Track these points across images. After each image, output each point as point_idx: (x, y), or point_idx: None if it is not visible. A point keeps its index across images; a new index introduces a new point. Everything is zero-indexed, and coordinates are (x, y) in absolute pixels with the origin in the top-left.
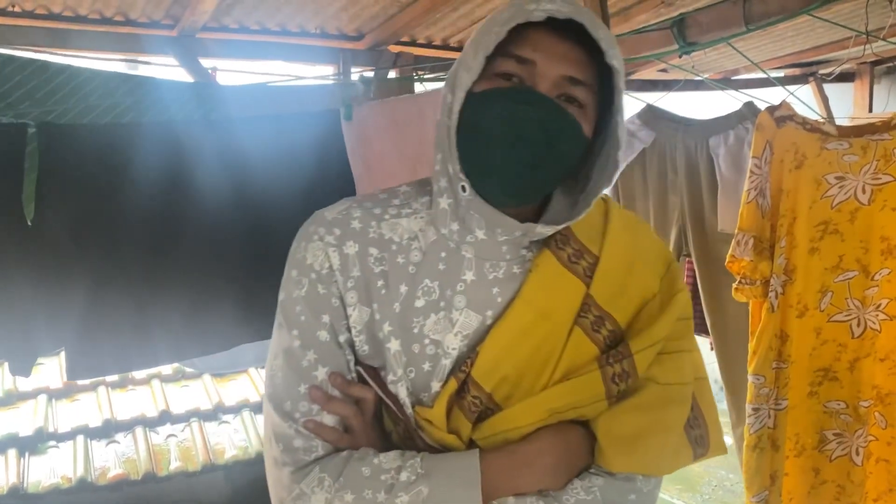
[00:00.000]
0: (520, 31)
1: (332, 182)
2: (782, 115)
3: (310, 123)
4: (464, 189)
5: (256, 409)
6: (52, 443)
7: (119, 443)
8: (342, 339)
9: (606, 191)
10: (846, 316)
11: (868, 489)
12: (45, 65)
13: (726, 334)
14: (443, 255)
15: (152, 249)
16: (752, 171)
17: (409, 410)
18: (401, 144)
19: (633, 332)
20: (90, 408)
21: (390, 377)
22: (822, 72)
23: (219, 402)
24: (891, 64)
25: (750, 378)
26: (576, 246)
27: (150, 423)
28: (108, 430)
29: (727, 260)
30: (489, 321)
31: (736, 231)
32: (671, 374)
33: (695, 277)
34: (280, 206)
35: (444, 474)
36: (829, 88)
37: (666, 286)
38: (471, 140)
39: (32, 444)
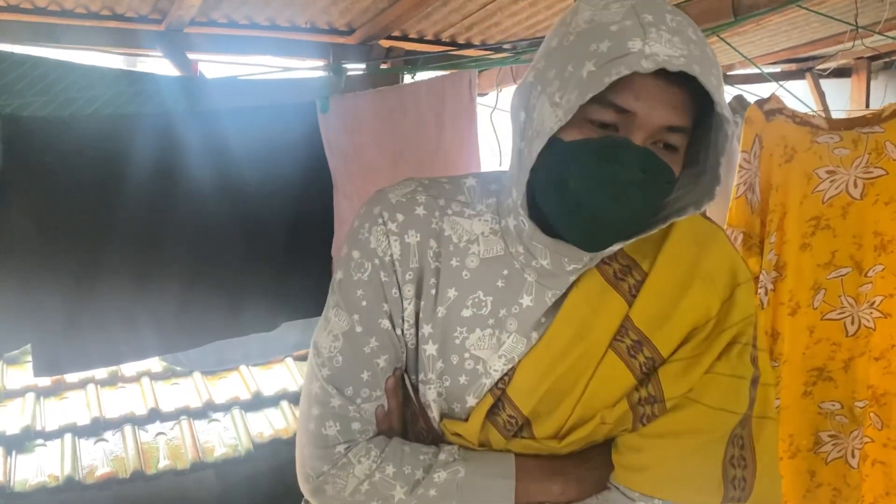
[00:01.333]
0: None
1: (308, 174)
2: (772, 109)
3: (286, 116)
4: (523, 223)
5: (246, 407)
6: (40, 441)
7: (107, 441)
8: (398, 330)
9: None
10: (840, 314)
11: (864, 492)
12: (22, 57)
13: None
14: (505, 272)
15: (124, 243)
16: (741, 166)
17: (433, 414)
18: (379, 137)
19: (667, 368)
20: (79, 406)
21: (420, 377)
22: (818, 67)
23: (208, 400)
24: (887, 59)
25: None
26: (623, 261)
27: (139, 422)
28: (96, 429)
29: None
30: (534, 342)
31: (724, 226)
32: (709, 394)
33: None
34: (257, 198)
35: (482, 461)
36: (825, 84)
37: (724, 314)
38: (552, 188)
39: (19, 443)
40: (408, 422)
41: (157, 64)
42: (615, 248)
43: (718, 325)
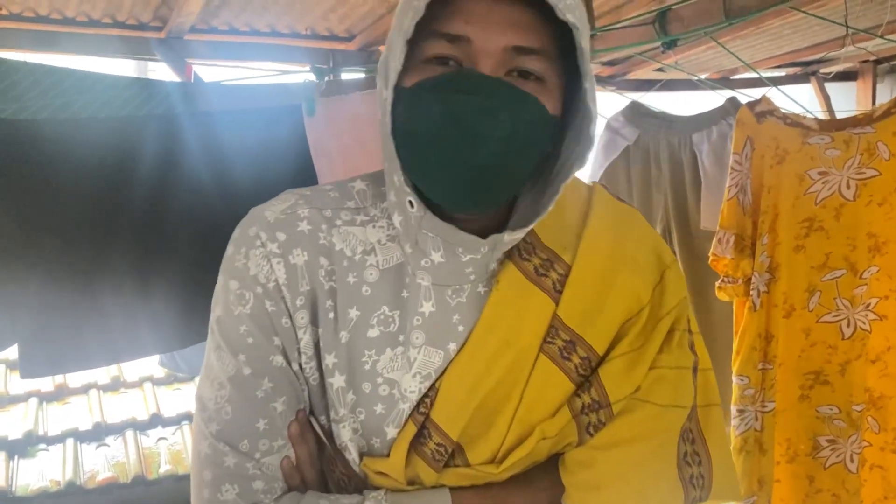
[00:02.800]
0: (445, 2)
1: (295, 176)
2: (763, 111)
3: (273, 118)
4: (411, 204)
5: None
6: (42, 446)
7: (109, 446)
8: (294, 365)
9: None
10: (835, 316)
11: (863, 497)
12: (18, 64)
13: (713, 334)
14: (406, 280)
15: (118, 242)
16: (732, 168)
17: (352, 456)
18: (365, 139)
19: (608, 368)
20: (81, 411)
21: (332, 415)
22: (822, 71)
23: None
24: (894, 62)
25: (734, 379)
26: (543, 255)
27: (140, 427)
28: (98, 434)
29: (710, 258)
30: (452, 355)
31: (717, 229)
32: (658, 392)
33: None
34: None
35: (414, 502)
36: (831, 88)
37: (657, 299)
38: (409, 145)
39: (22, 448)
40: (325, 470)
41: (160, 70)
42: (493, 202)
43: (654, 313)
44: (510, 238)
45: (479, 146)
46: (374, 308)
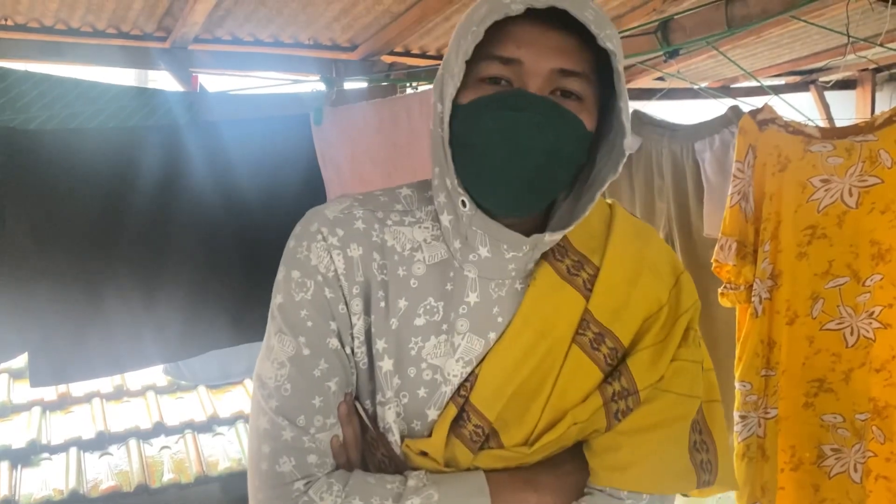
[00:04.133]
0: (500, 28)
1: (302, 185)
2: (765, 119)
3: (280, 128)
4: (464, 204)
5: None
6: (45, 455)
7: (112, 455)
8: (347, 349)
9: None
10: (838, 324)
11: None
12: (26, 74)
13: (716, 341)
14: (451, 274)
15: (125, 252)
16: (735, 176)
17: (394, 437)
18: (372, 148)
19: (636, 359)
20: (84, 420)
21: (378, 398)
22: (822, 79)
23: (213, 414)
24: (893, 71)
25: (736, 385)
26: (575, 257)
27: (143, 435)
28: (101, 443)
29: (713, 265)
30: (492, 344)
31: (719, 235)
32: (673, 380)
33: None
34: (252, 209)
35: (454, 482)
36: (830, 96)
37: (674, 300)
38: (465, 154)
39: (25, 457)
40: (365, 453)
41: (164, 80)
42: (536, 206)
43: (673, 311)
44: (550, 239)
45: (526, 156)
46: (422, 299)
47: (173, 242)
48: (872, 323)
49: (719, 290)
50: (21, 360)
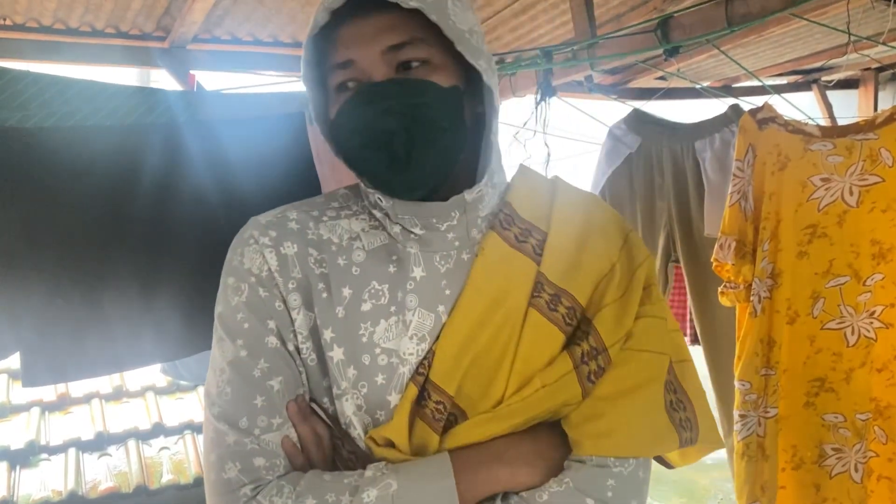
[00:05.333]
0: (330, 34)
1: (297, 184)
2: (765, 118)
3: (275, 126)
4: (381, 199)
5: None
6: (44, 456)
7: (111, 456)
8: (290, 346)
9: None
10: (839, 324)
11: None
12: (22, 73)
13: (716, 340)
14: (394, 257)
15: (122, 250)
16: (735, 175)
17: (357, 432)
18: None
19: (600, 317)
20: (83, 420)
21: (334, 390)
22: (824, 79)
23: None
24: (895, 70)
25: (736, 384)
26: (522, 225)
27: (142, 436)
28: (100, 443)
29: (713, 264)
30: (444, 317)
31: (719, 234)
32: (643, 338)
33: (683, 282)
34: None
35: (414, 467)
36: (833, 95)
37: (625, 257)
38: (352, 161)
39: (24, 457)
40: (334, 455)
41: (162, 79)
42: (434, 180)
43: (626, 267)
44: (471, 196)
45: (396, 141)
46: (365, 284)
47: (171, 239)
48: (873, 322)
49: (719, 289)
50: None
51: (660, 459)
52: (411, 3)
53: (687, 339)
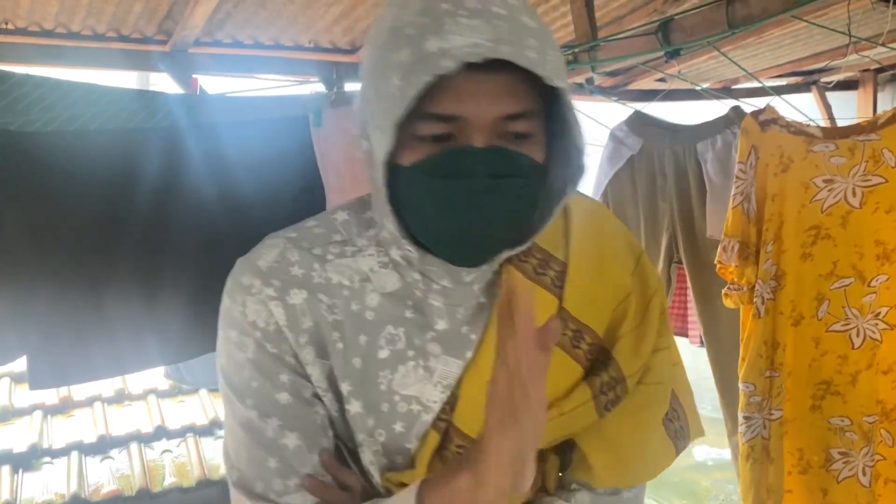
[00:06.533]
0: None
1: (302, 187)
2: (767, 119)
3: (280, 130)
4: (410, 250)
5: None
6: (47, 459)
7: (113, 458)
8: (307, 393)
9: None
10: (844, 326)
11: None
12: (24, 77)
13: (720, 341)
14: (409, 302)
15: (126, 254)
16: (737, 176)
17: (375, 479)
18: None
19: (619, 347)
20: (85, 423)
21: (355, 438)
22: (823, 80)
23: (215, 418)
24: (894, 71)
25: (740, 386)
26: (539, 255)
27: (145, 439)
28: (102, 446)
29: (716, 266)
30: (468, 360)
31: (722, 236)
32: (658, 371)
33: (686, 284)
34: (253, 212)
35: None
36: (832, 97)
37: (639, 284)
38: (413, 214)
39: (26, 461)
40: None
41: (164, 83)
42: (507, 253)
43: (642, 294)
44: (507, 254)
45: (485, 220)
46: (380, 330)
47: (173, 243)
48: (879, 324)
49: (723, 291)
50: (22, 364)
51: None
52: (556, 83)
53: (686, 340)
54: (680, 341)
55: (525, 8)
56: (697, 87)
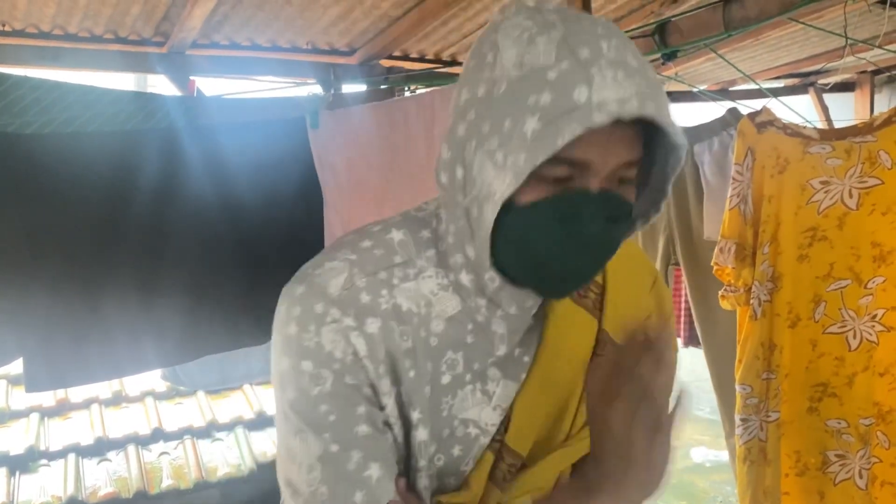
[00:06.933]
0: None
1: (299, 189)
2: (763, 121)
3: (277, 131)
4: (491, 280)
5: (250, 426)
6: (43, 461)
7: (111, 461)
8: (381, 422)
9: None
10: (841, 328)
11: None
12: (21, 79)
13: (717, 343)
14: (470, 326)
15: (123, 256)
16: (734, 178)
17: (425, 499)
18: (370, 152)
19: None
20: (83, 426)
21: (411, 463)
22: (820, 81)
23: (212, 420)
24: (891, 73)
25: (737, 387)
26: None
27: (142, 441)
28: (100, 449)
29: (713, 268)
30: (521, 381)
31: (719, 238)
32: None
33: (681, 284)
34: (250, 213)
35: None
36: (829, 98)
37: (655, 304)
38: (514, 251)
39: (23, 463)
40: None
41: (162, 84)
42: (586, 283)
43: (662, 313)
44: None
45: (590, 260)
46: (442, 355)
47: (171, 246)
48: (875, 326)
49: (720, 293)
50: (18, 366)
51: None
52: (679, 140)
53: (680, 341)
54: None
55: (648, 63)
56: (694, 89)
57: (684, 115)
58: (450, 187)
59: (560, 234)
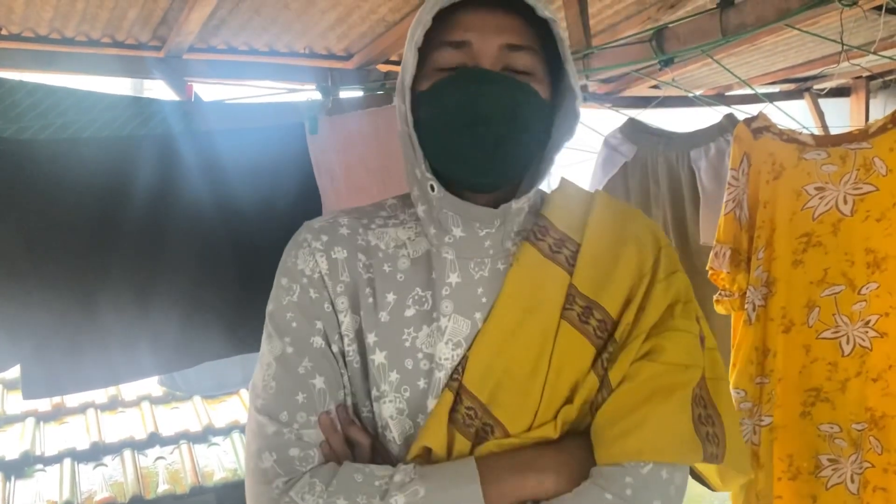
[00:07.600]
0: (447, 17)
1: (298, 194)
2: (759, 127)
3: (276, 137)
4: (432, 188)
5: None
6: (39, 466)
7: (107, 466)
8: (335, 349)
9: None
10: (834, 333)
11: None
12: (18, 83)
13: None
14: (433, 262)
15: (120, 263)
16: (730, 183)
17: (392, 434)
18: (367, 157)
19: (624, 324)
20: (78, 430)
21: (373, 393)
22: (816, 87)
23: (208, 424)
24: (886, 78)
25: (731, 392)
26: (556, 236)
27: (138, 446)
28: (95, 453)
29: (708, 272)
30: (479, 324)
31: (714, 243)
32: (671, 352)
33: None
34: (248, 219)
35: (441, 475)
36: (825, 104)
37: (658, 270)
38: (431, 137)
39: (19, 468)
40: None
41: (159, 89)
42: (506, 176)
43: (653, 279)
44: (517, 206)
45: (490, 125)
46: (409, 290)
47: (168, 252)
48: (868, 332)
49: (714, 297)
50: (15, 371)
51: (701, 480)
52: (546, 14)
53: None
54: None
55: None
56: (691, 94)
57: (681, 120)
58: (401, 127)
59: (449, 103)
